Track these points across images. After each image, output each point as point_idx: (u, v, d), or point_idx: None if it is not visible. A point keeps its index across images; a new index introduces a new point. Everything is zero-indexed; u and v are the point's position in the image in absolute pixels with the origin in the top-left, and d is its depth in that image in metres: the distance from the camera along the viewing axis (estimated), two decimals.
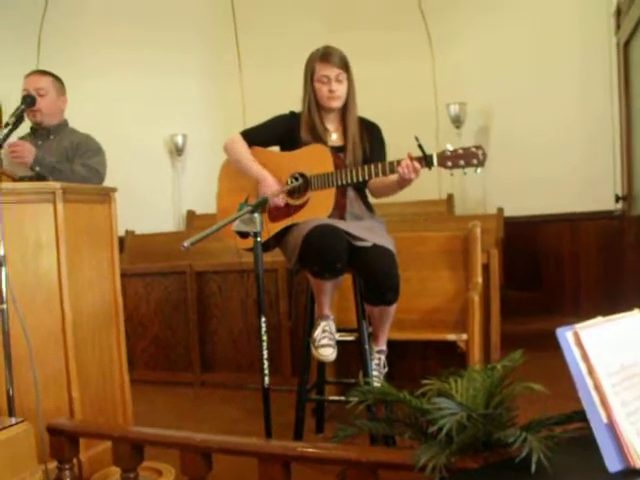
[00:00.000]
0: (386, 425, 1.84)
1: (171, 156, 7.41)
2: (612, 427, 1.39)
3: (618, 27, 5.19)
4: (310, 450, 1.85)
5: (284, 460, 1.83)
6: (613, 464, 1.36)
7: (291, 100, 3.09)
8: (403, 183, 2.73)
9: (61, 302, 2.66)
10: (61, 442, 2.20)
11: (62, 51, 6.54)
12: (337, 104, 2.96)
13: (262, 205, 2.43)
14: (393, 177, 2.76)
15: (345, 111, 3.00)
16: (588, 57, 5.93)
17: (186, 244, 2.15)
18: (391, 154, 3.00)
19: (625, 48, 4.92)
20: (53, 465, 2.26)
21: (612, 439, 1.38)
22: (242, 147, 3.03)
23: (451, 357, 3.40)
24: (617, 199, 5.25)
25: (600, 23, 5.71)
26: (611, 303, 5.30)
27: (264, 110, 3.26)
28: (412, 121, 6.01)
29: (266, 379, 2.46)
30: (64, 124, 3.39)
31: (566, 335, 1.45)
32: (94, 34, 6.74)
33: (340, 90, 2.93)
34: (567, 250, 6.13)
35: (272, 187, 2.89)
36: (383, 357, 3.00)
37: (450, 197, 6.64)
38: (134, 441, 2.09)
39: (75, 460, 2.36)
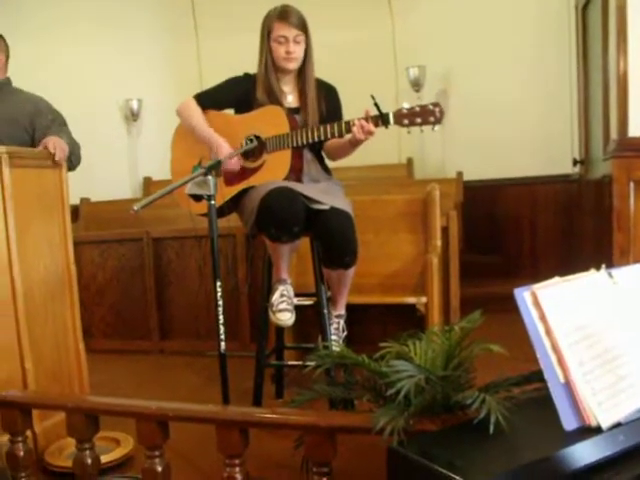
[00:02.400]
0: (344, 389, 1.83)
1: (126, 121, 7.24)
2: (569, 386, 1.39)
3: None
4: (268, 416, 1.83)
5: (242, 426, 1.80)
6: (569, 422, 1.37)
7: (248, 63, 3.02)
8: (355, 142, 2.71)
9: (10, 271, 2.57)
10: (13, 415, 2.14)
11: (9, 13, 6.29)
12: (294, 65, 2.90)
13: (216, 167, 2.37)
14: (347, 137, 2.72)
15: (302, 72, 2.95)
16: (546, 20, 5.92)
17: (136, 207, 2.09)
18: (349, 117, 2.95)
19: (583, 11, 4.91)
20: (5, 438, 2.20)
21: (568, 398, 1.39)
22: (195, 111, 2.95)
23: (410, 320, 3.40)
24: (575, 163, 5.30)
25: None
26: (569, 265, 5.33)
27: (221, 74, 3.17)
28: (371, 84, 5.90)
29: (222, 345, 2.43)
30: (7, 82, 3.20)
31: (524, 295, 1.45)
32: (50, 5, 6.50)
33: (297, 51, 2.86)
34: (525, 213, 6.18)
35: (225, 151, 2.82)
36: (342, 321, 2.99)
37: (410, 161, 6.63)
38: (88, 411, 2.04)
39: (29, 432, 2.30)
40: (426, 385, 1.52)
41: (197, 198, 2.48)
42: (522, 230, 6.20)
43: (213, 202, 2.35)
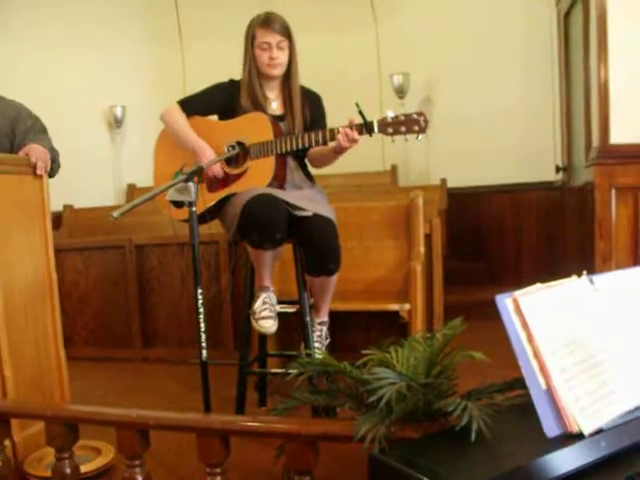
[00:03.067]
0: (327, 396, 1.82)
1: (110, 128, 7.20)
2: (550, 393, 1.39)
3: None
4: (249, 424, 1.81)
5: (222, 434, 1.79)
6: (551, 429, 1.37)
7: (232, 70, 3.01)
8: (340, 150, 2.71)
9: None
10: None
11: None
12: (277, 72, 2.89)
13: (197, 173, 2.36)
14: (331, 145, 2.72)
15: (286, 79, 2.94)
16: (530, 28, 5.97)
17: (115, 214, 2.08)
18: (333, 124, 2.95)
19: (565, 20, 4.95)
20: None
21: (550, 405, 1.39)
22: (179, 116, 2.93)
23: (394, 327, 3.40)
24: (557, 170, 5.33)
25: None
26: (552, 272, 5.38)
27: (205, 80, 3.15)
28: (355, 91, 5.95)
29: (204, 352, 2.41)
30: None
31: (505, 302, 1.45)
32: (31, 6, 6.43)
33: (281, 57, 2.86)
34: (509, 220, 6.21)
35: (209, 157, 2.81)
36: (325, 328, 2.97)
37: (394, 168, 6.64)
38: (67, 420, 2.01)
39: (7, 442, 2.27)
40: (408, 392, 1.51)
41: (178, 204, 2.46)
42: (505, 237, 6.23)
43: (194, 209, 2.33)
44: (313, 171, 3.08)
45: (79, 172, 6.11)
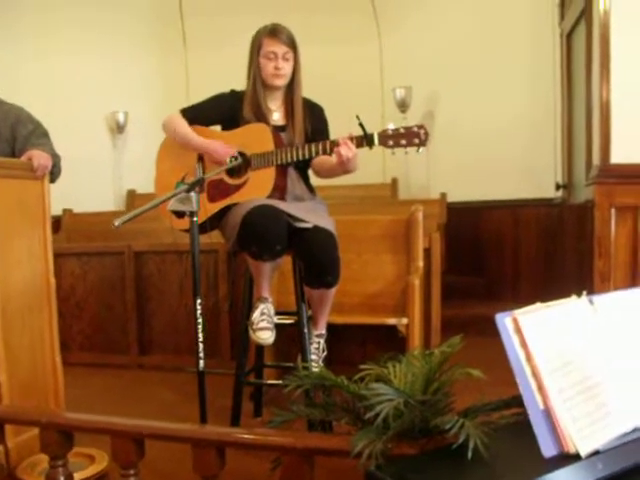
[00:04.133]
0: (323, 410, 1.81)
1: (112, 134, 7.22)
2: (548, 413, 1.39)
3: (562, 17, 5.24)
4: (245, 436, 1.81)
5: (218, 446, 1.78)
6: (548, 449, 1.36)
7: (236, 81, 3.02)
8: (344, 166, 2.70)
9: None
10: None
11: (1, 30, 6.25)
12: (281, 82, 2.90)
13: (198, 184, 2.36)
14: (334, 158, 2.72)
15: (289, 90, 2.95)
16: (534, 46, 5.99)
17: (117, 223, 2.07)
18: (335, 136, 2.95)
19: (568, 39, 4.97)
20: None
21: (548, 425, 1.38)
22: (182, 123, 2.93)
23: (391, 341, 3.40)
24: (557, 187, 5.34)
25: (546, 13, 5.76)
26: (550, 289, 5.40)
27: (208, 87, 3.17)
28: (358, 104, 5.95)
29: (201, 362, 2.41)
30: None
31: (505, 321, 1.44)
32: (35, 11, 6.46)
33: (286, 68, 2.87)
34: (508, 236, 6.22)
35: (220, 149, 2.82)
36: (322, 341, 2.97)
37: (394, 181, 6.66)
38: (62, 427, 2.01)
39: (1, 447, 2.26)
40: (405, 409, 1.51)
41: (179, 214, 2.46)
42: (504, 252, 6.24)
43: (195, 219, 2.33)
44: (314, 182, 3.09)
45: (79, 176, 6.12)
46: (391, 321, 3.42)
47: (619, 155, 3.44)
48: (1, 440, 2.20)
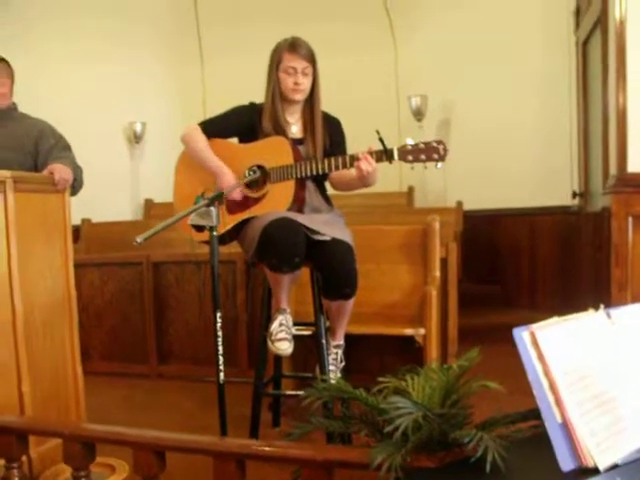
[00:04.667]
0: (342, 423, 1.83)
1: (129, 144, 7.29)
2: (566, 427, 1.39)
3: (577, 26, 5.24)
4: (265, 449, 1.82)
5: (239, 458, 1.80)
6: (566, 463, 1.37)
7: (252, 91, 3.04)
8: (364, 180, 2.72)
9: (11, 294, 2.59)
10: (9, 440, 2.13)
11: (19, 38, 6.32)
12: (300, 97, 2.92)
13: (218, 199, 2.39)
14: (353, 172, 2.74)
15: (308, 104, 2.97)
16: (549, 54, 5.98)
17: (139, 240, 2.10)
18: (352, 145, 2.98)
19: (584, 47, 4.97)
20: (1, 463, 2.19)
21: (566, 439, 1.39)
22: (200, 138, 2.95)
23: (409, 351, 3.40)
24: (574, 195, 5.33)
25: (561, 21, 5.75)
26: (567, 297, 5.39)
27: (224, 100, 3.20)
28: (374, 113, 6.02)
29: (221, 375, 2.43)
30: (13, 108, 3.25)
31: (522, 335, 1.45)
32: (52, 19, 6.55)
33: (305, 83, 2.89)
34: (525, 244, 6.20)
35: (229, 181, 2.84)
36: (340, 352, 2.98)
37: (411, 190, 6.67)
38: (85, 439, 2.03)
39: (24, 457, 2.29)
40: (423, 422, 1.52)
41: (199, 228, 2.49)
42: (521, 260, 6.22)
43: (215, 233, 2.36)
44: (330, 191, 3.10)
45: (98, 186, 6.14)
46: (408, 332, 3.42)
47: (636, 164, 3.44)
48: (24, 450, 2.23)
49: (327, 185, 3.06)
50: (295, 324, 2.96)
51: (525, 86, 6.09)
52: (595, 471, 1.36)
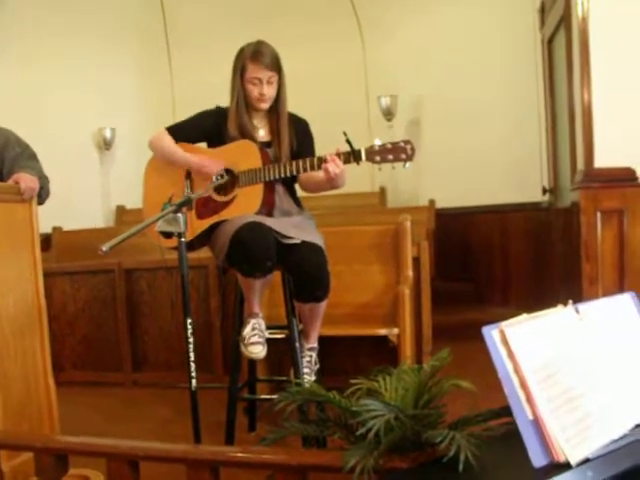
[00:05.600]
0: (316, 426, 1.82)
1: (99, 150, 7.23)
2: (537, 423, 1.40)
3: (543, 23, 5.29)
4: (239, 455, 1.82)
5: (212, 465, 1.79)
6: (538, 459, 1.38)
7: (222, 97, 3.02)
8: (332, 182, 2.72)
9: None
10: None
11: None
12: (266, 106, 2.90)
13: (186, 204, 2.37)
14: (321, 174, 2.73)
15: (274, 108, 2.95)
16: (516, 52, 6.03)
17: (105, 248, 2.08)
18: (322, 146, 2.97)
19: (549, 44, 5.02)
20: None
21: (537, 435, 1.40)
22: (169, 141, 2.94)
23: (383, 351, 3.41)
24: (544, 191, 5.37)
25: (526, 19, 5.81)
26: (539, 293, 5.44)
27: (194, 103, 3.19)
28: (343, 114, 6.03)
29: (194, 382, 2.41)
30: None
31: (492, 333, 1.46)
32: (18, 22, 6.46)
33: (270, 92, 2.87)
34: (497, 241, 6.25)
35: (210, 165, 2.82)
36: (314, 354, 2.97)
37: (383, 189, 6.69)
38: (57, 451, 2.01)
39: None
40: (396, 423, 1.52)
41: (167, 235, 2.47)
42: (493, 257, 6.27)
43: (183, 239, 2.34)
44: (303, 193, 3.09)
45: (68, 193, 6.11)
46: (382, 332, 3.43)
47: (603, 159, 3.48)
48: None
49: (297, 187, 3.06)
50: (268, 327, 2.96)
51: (493, 83, 6.15)
52: (567, 466, 1.37)
